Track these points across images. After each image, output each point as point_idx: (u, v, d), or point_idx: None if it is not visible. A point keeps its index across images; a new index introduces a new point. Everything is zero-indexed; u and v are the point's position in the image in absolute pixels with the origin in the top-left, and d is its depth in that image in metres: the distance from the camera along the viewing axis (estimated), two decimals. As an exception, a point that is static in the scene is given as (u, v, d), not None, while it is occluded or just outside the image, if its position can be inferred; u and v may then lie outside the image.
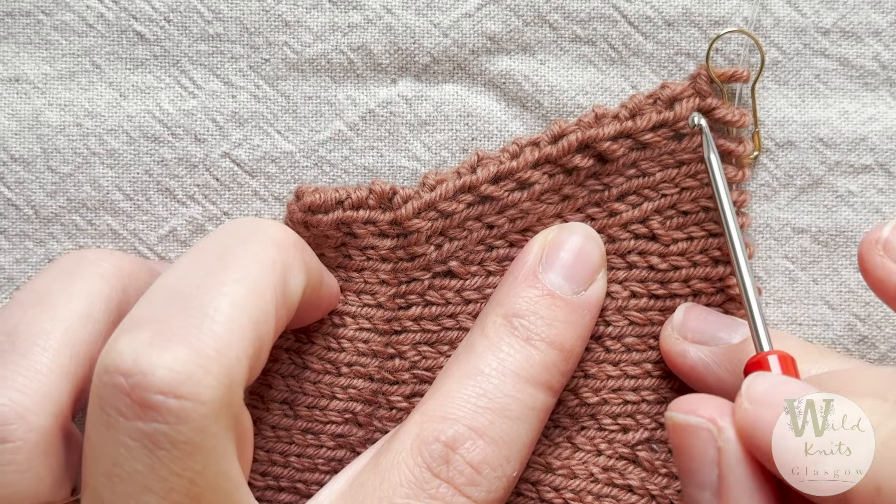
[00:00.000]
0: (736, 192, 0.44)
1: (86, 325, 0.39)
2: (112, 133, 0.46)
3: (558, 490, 0.44)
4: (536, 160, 0.44)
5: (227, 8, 0.45)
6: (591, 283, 0.43)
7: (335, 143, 0.46)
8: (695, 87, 0.44)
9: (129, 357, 0.34)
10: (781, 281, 0.46)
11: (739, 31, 0.45)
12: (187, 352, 0.34)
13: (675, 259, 0.45)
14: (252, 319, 0.36)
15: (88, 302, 0.39)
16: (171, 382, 0.33)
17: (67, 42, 0.45)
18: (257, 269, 0.37)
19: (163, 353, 0.33)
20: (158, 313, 0.35)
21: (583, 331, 0.42)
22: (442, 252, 0.44)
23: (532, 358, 0.41)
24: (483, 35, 0.45)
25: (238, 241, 0.38)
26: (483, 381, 0.40)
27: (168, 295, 0.36)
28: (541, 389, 0.41)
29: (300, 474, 0.45)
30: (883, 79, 0.45)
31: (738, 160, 0.44)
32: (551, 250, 0.43)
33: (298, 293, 0.39)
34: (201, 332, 0.34)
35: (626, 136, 0.44)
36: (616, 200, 0.45)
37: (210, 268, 0.37)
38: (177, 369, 0.33)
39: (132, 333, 0.34)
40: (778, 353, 0.38)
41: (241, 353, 0.35)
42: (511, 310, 0.41)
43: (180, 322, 0.35)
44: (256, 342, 0.36)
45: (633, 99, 0.44)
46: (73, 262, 0.41)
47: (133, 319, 0.36)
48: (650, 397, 0.45)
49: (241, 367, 0.35)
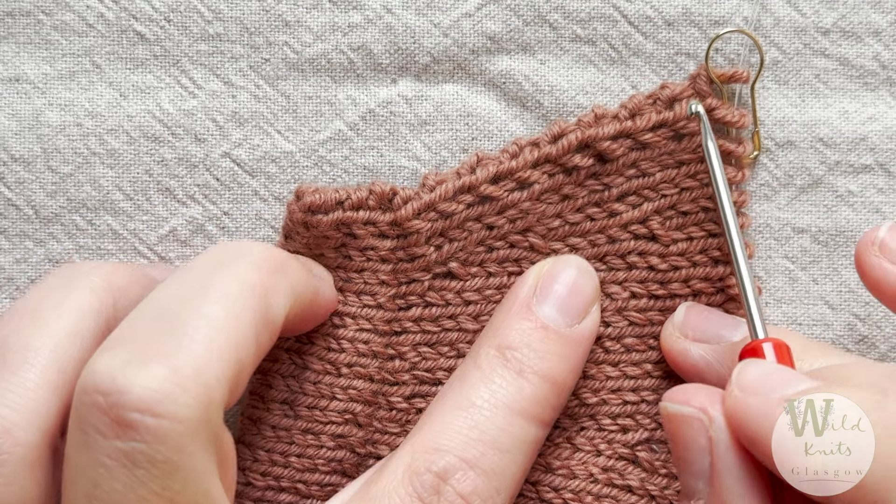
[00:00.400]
0: (736, 193, 0.44)
1: (74, 341, 0.39)
2: (112, 133, 0.46)
3: (558, 490, 0.44)
4: (536, 160, 0.44)
5: (227, 8, 0.45)
6: (585, 316, 0.43)
7: (335, 143, 0.46)
8: (694, 87, 0.44)
9: (107, 376, 0.34)
10: (781, 281, 0.46)
11: (739, 31, 0.45)
12: (165, 370, 0.34)
13: (675, 259, 0.45)
14: (231, 341, 0.36)
15: (77, 318, 0.40)
16: (149, 400, 0.33)
17: (67, 42, 0.45)
18: (238, 292, 0.37)
19: (140, 372, 0.34)
20: (138, 333, 0.36)
21: (575, 364, 0.42)
22: (442, 253, 0.44)
23: (524, 391, 0.41)
24: (483, 35, 0.45)
25: (221, 264, 0.38)
26: (475, 413, 0.40)
27: (149, 315, 0.37)
28: (532, 422, 0.41)
29: (300, 474, 0.45)
30: (883, 79, 0.45)
31: (738, 161, 0.44)
32: (545, 283, 0.43)
33: (281, 316, 0.39)
34: (179, 352, 0.35)
35: (626, 135, 0.44)
36: (616, 201, 0.45)
37: (192, 290, 0.37)
38: (154, 387, 0.34)
39: (111, 352, 0.35)
40: (773, 341, 0.39)
41: (220, 373, 0.35)
42: (504, 342, 0.42)
43: (159, 341, 0.35)
44: (235, 364, 0.36)
45: (633, 99, 0.44)
46: (66, 277, 0.41)
47: (113, 339, 0.36)
48: (650, 397, 0.45)
49: (220, 388, 0.35)
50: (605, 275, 0.45)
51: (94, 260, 0.46)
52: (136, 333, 0.36)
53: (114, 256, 0.46)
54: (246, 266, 0.38)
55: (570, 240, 0.45)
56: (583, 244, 0.45)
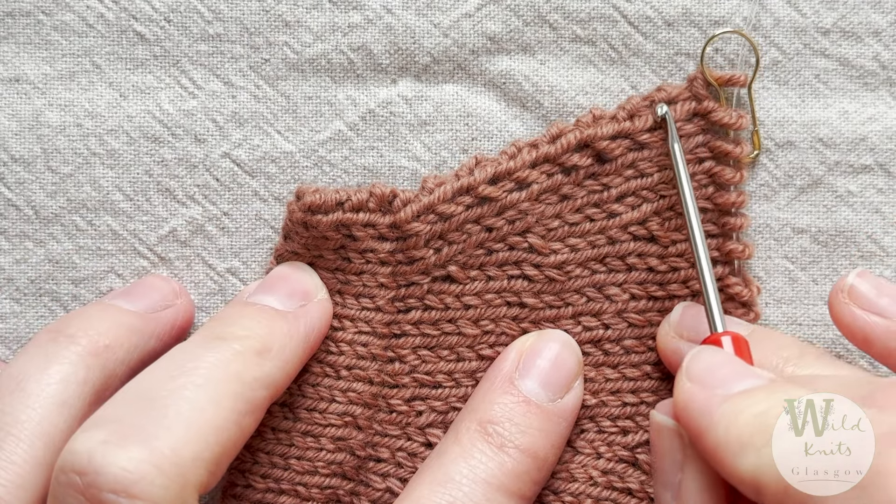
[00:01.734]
0: (735, 194, 0.44)
1: (61, 411, 0.39)
2: (112, 133, 0.46)
3: (557, 493, 0.44)
4: (535, 159, 0.44)
5: (227, 8, 0.45)
6: (568, 390, 0.43)
7: (335, 143, 0.46)
8: (691, 90, 0.44)
9: (84, 455, 0.35)
10: (781, 281, 0.46)
11: (734, 31, 0.45)
12: (142, 451, 0.35)
13: (674, 260, 0.45)
14: (211, 425, 0.37)
15: (63, 388, 0.40)
16: (124, 481, 0.34)
17: (67, 42, 0.46)
18: (220, 377, 0.38)
19: (118, 452, 0.34)
20: (119, 413, 0.36)
21: (557, 439, 0.42)
22: (441, 256, 0.44)
23: (504, 465, 0.41)
24: (483, 35, 0.45)
25: (207, 348, 0.39)
26: (454, 489, 0.40)
27: (132, 397, 0.37)
28: (512, 498, 0.41)
29: (300, 477, 0.45)
30: (883, 79, 0.45)
31: (736, 162, 0.44)
32: (528, 357, 0.43)
33: (265, 399, 0.40)
34: (158, 433, 0.35)
35: (625, 136, 0.44)
36: (615, 201, 0.45)
37: (175, 373, 0.38)
38: (130, 468, 0.34)
39: (90, 432, 0.35)
40: (731, 334, 0.39)
41: (198, 455, 0.36)
42: (486, 416, 0.41)
43: (139, 422, 0.36)
44: (216, 446, 0.37)
45: (631, 100, 0.44)
46: (50, 343, 0.41)
47: (95, 419, 0.37)
48: (649, 399, 0.45)
49: (197, 470, 0.36)
50: (605, 276, 0.45)
51: (77, 309, 0.45)
52: (118, 413, 0.36)
53: (114, 256, 0.46)
54: (230, 352, 0.39)
55: (569, 240, 0.44)
56: (582, 245, 0.44)
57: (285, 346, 0.41)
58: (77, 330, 0.41)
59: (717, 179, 0.44)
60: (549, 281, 0.45)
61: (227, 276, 0.46)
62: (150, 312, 0.44)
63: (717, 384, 0.36)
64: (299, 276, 0.44)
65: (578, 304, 0.45)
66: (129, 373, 0.42)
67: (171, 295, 0.45)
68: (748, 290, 0.44)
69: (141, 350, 0.42)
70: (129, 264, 0.46)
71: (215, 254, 0.46)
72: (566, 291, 0.45)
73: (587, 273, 0.45)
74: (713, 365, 0.36)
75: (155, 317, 0.44)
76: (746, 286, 0.44)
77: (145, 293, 0.45)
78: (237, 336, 0.40)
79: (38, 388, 0.39)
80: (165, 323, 0.44)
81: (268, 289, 0.44)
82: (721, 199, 0.44)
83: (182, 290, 0.45)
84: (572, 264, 0.45)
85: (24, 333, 0.46)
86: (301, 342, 0.42)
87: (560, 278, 0.45)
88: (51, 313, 0.46)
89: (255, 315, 0.42)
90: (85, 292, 0.46)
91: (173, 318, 0.44)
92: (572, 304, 0.45)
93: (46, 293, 0.46)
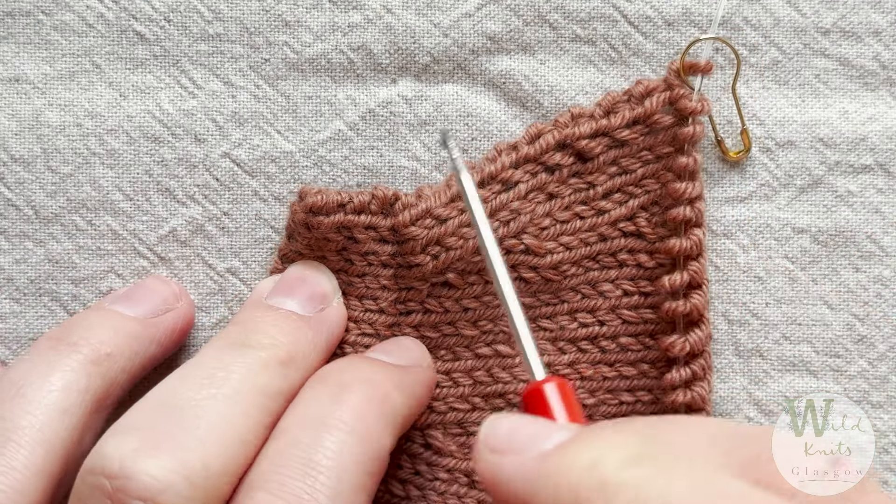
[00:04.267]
0: (697, 184, 0.44)
1: (62, 418, 0.39)
2: (112, 133, 0.46)
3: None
4: (516, 160, 0.44)
5: (227, 8, 0.45)
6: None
7: (335, 143, 0.46)
8: (666, 80, 0.44)
9: (115, 460, 0.35)
10: (781, 281, 0.46)
11: (714, 38, 0.44)
12: (172, 461, 0.35)
13: (661, 257, 0.45)
14: (240, 438, 0.37)
15: (64, 395, 0.40)
16: (153, 489, 0.34)
17: (67, 42, 0.45)
18: (249, 389, 0.38)
19: (148, 461, 0.35)
20: (149, 421, 0.37)
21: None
22: (439, 263, 0.44)
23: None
24: (483, 35, 0.45)
25: (232, 358, 0.39)
26: None
27: (161, 404, 0.38)
28: None
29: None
30: (883, 79, 0.45)
31: (689, 147, 0.44)
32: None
33: (283, 409, 0.39)
34: (189, 444, 0.35)
35: (603, 134, 0.44)
36: (602, 199, 0.45)
37: (203, 383, 0.38)
38: (159, 477, 0.34)
39: (121, 438, 0.36)
40: (556, 380, 0.35)
41: (226, 468, 0.36)
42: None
43: (169, 432, 0.36)
44: (242, 458, 0.37)
45: (608, 96, 0.44)
46: (51, 351, 0.41)
47: (124, 424, 0.37)
48: (645, 398, 0.45)
49: (224, 483, 0.36)
50: (598, 273, 0.45)
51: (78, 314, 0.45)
52: (148, 421, 0.37)
53: (113, 256, 0.46)
54: (258, 362, 0.39)
55: (562, 238, 0.45)
56: (575, 243, 0.45)
57: (308, 355, 0.41)
58: (79, 338, 0.41)
59: (673, 171, 0.44)
60: (545, 281, 0.45)
61: (227, 276, 0.46)
62: (150, 317, 0.44)
63: (524, 447, 0.32)
64: (318, 278, 0.44)
65: (574, 301, 0.45)
66: (130, 380, 0.42)
67: (171, 298, 0.45)
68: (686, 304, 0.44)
69: (142, 356, 0.42)
70: (129, 264, 0.46)
71: (215, 254, 0.46)
72: (562, 290, 0.45)
73: (581, 271, 0.45)
74: (513, 429, 0.33)
75: (155, 322, 0.44)
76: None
77: (146, 297, 0.44)
78: (263, 345, 0.40)
79: (39, 395, 0.39)
80: (166, 328, 0.44)
81: (288, 291, 0.43)
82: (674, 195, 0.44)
83: (182, 293, 0.45)
84: (567, 263, 0.45)
85: (24, 333, 0.46)
86: (322, 351, 0.42)
87: (556, 278, 0.45)
88: (51, 313, 0.46)
89: (279, 322, 0.42)
90: (85, 292, 0.46)
91: (174, 323, 0.44)
92: (568, 301, 0.45)
93: (46, 293, 0.46)
